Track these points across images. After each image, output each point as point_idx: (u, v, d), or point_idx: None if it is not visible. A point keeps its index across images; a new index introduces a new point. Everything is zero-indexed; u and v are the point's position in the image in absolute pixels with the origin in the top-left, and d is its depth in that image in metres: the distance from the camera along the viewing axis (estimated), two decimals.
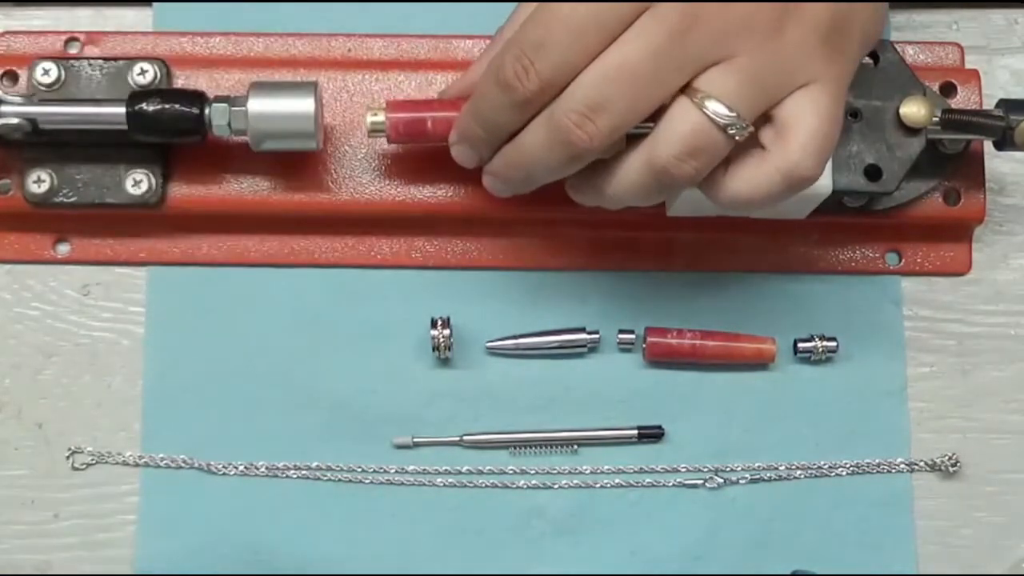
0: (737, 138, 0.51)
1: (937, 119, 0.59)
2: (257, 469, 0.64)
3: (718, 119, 0.51)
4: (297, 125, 0.59)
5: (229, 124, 0.59)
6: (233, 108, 0.59)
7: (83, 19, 0.67)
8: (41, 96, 0.62)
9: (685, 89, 0.51)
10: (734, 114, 0.51)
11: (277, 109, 0.59)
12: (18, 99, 0.60)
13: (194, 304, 0.65)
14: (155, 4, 0.67)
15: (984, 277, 0.66)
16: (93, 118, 0.60)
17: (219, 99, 0.59)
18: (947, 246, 0.66)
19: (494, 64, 0.53)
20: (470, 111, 0.56)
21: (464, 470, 0.64)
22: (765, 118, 0.52)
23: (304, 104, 0.59)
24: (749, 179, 0.53)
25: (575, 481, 0.64)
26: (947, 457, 0.64)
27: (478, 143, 0.57)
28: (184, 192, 0.63)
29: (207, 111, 0.59)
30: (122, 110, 0.59)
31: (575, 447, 0.64)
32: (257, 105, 0.59)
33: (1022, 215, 0.67)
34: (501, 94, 0.53)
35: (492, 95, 0.54)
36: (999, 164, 0.65)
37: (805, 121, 0.52)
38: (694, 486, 0.64)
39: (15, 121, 0.59)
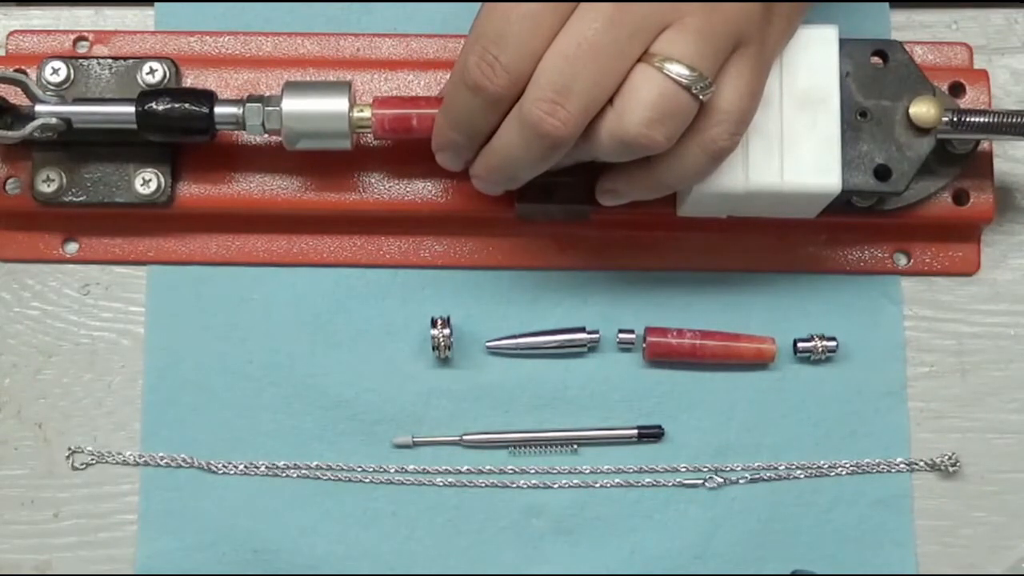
0: (702, 98, 0.52)
1: (947, 119, 0.59)
2: (257, 469, 0.64)
3: (681, 80, 0.51)
4: (331, 125, 0.59)
5: (263, 124, 0.59)
6: (267, 108, 0.59)
7: (83, 19, 0.67)
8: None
9: (642, 57, 0.52)
10: (695, 73, 0.51)
11: (311, 109, 0.58)
12: (54, 98, 0.60)
13: (194, 304, 0.65)
14: (156, 4, 0.67)
15: (984, 277, 0.66)
16: (124, 117, 0.59)
17: (253, 98, 0.59)
18: (956, 246, 0.66)
19: (459, 68, 0.53)
20: (444, 119, 0.56)
21: (464, 470, 0.64)
22: None
23: (338, 104, 0.58)
24: (672, 161, 0.54)
25: (575, 481, 0.64)
26: (947, 457, 0.64)
27: (458, 149, 0.57)
28: (193, 191, 0.63)
29: (238, 110, 0.59)
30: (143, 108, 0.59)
31: (575, 447, 0.64)
32: (291, 105, 0.58)
33: (1021, 215, 0.67)
34: (472, 96, 0.53)
35: (463, 99, 0.54)
36: (997, 164, 0.65)
37: (726, 97, 0.53)
38: (694, 486, 0.64)
39: (54, 121, 0.59)
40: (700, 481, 0.64)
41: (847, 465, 0.64)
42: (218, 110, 0.59)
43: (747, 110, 0.54)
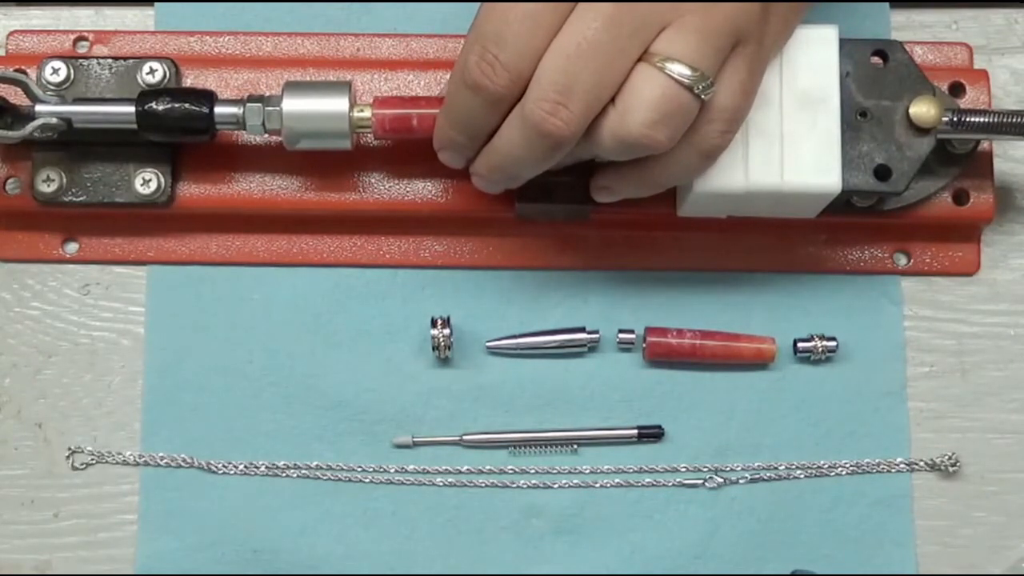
0: (703, 97, 0.52)
1: (946, 119, 0.59)
2: (257, 469, 0.64)
3: (683, 79, 0.51)
4: (331, 125, 0.59)
5: (263, 124, 0.59)
6: (267, 108, 0.59)
7: (83, 19, 0.67)
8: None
9: (643, 57, 0.52)
10: (697, 72, 0.51)
11: (312, 109, 0.58)
12: (54, 98, 0.60)
13: (194, 303, 0.65)
14: (156, 4, 0.67)
15: (984, 277, 0.66)
16: (124, 117, 0.59)
17: (253, 98, 0.59)
18: (956, 246, 0.66)
19: (459, 68, 0.53)
20: (445, 118, 0.56)
21: (464, 470, 0.64)
22: None
23: (338, 103, 0.58)
24: (664, 158, 0.54)
25: (575, 481, 0.64)
26: (947, 457, 0.64)
27: (460, 148, 0.57)
28: (193, 191, 0.63)
29: (238, 110, 0.59)
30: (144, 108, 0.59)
31: (575, 447, 0.64)
32: (292, 105, 0.58)
33: (1021, 215, 0.67)
34: (472, 96, 0.53)
35: (464, 98, 0.54)
36: (997, 164, 0.65)
37: (720, 95, 0.53)
38: (694, 486, 0.64)
39: (54, 121, 0.59)
40: (700, 481, 0.64)
41: (847, 465, 0.64)
42: (218, 110, 0.59)
43: (741, 108, 0.54)
